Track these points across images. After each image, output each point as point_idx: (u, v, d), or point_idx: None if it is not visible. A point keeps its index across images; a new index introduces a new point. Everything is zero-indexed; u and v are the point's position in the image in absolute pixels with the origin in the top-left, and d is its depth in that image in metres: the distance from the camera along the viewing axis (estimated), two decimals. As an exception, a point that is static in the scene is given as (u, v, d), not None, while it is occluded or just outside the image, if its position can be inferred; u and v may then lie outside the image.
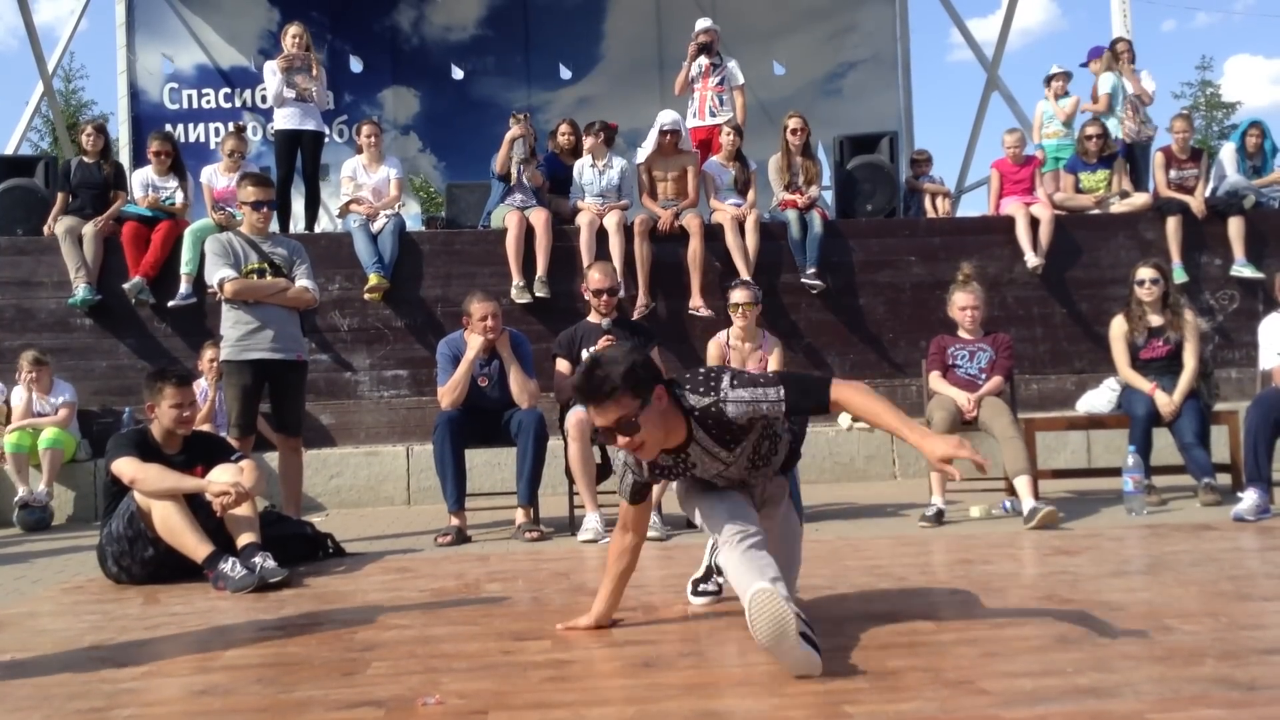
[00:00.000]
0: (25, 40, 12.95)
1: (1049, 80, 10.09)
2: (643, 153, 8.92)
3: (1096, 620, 3.20)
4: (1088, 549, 4.57)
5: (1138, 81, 9.78)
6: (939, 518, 5.51)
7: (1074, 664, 2.72)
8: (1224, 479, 6.10)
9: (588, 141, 8.63)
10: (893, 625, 3.22)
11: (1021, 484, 5.46)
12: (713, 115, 9.44)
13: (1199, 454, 5.97)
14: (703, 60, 9.51)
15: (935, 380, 6.01)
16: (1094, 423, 6.71)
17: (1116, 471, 5.92)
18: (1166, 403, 6.02)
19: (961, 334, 6.13)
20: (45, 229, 8.20)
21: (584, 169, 8.54)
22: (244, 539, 4.47)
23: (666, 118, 8.55)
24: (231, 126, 10.66)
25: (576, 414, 5.64)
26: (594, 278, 6.04)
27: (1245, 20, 51.28)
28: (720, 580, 3.61)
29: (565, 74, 14.00)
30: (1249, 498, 5.26)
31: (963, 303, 6.13)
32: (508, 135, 8.34)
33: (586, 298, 6.12)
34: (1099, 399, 6.58)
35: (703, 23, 9.81)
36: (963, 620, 3.27)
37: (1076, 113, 9.93)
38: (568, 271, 8.05)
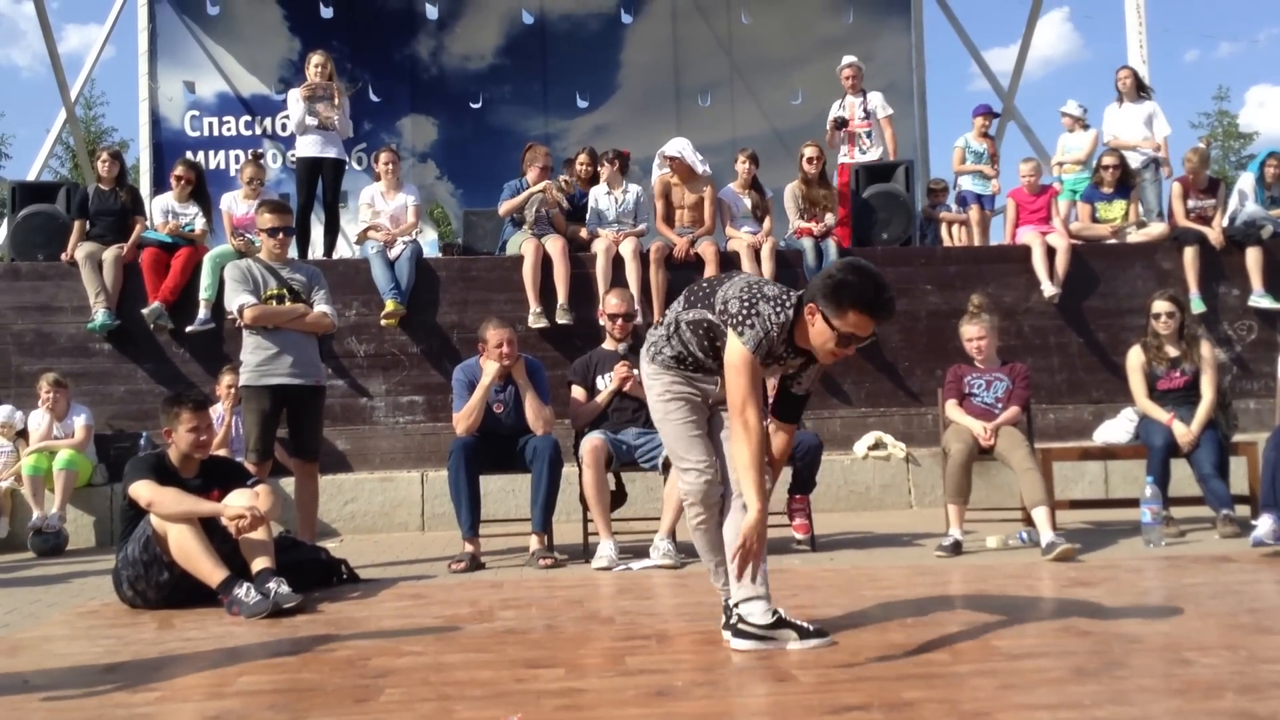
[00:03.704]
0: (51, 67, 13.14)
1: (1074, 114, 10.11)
2: (653, 177, 8.94)
3: (1114, 652, 3.17)
4: (1105, 580, 4.54)
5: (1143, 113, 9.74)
6: (956, 548, 5.48)
7: (1091, 697, 2.70)
8: (1243, 510, 6.05)
9: (604, 171, 8.67)
10: (909, 656, 3.20)
11: (1039, 515, 5.42)
12: (863, 153, 9.49)
13: (1217, 485, 5.92)
14: (846, 108, 9.60)
15: (952, 409, 5.99)
16: (1111, 453, 6.68)
17: (1134, 502, 5.88)
18: (1184, 433, 5.98)
19: (978, 363, 6.11)
20: (64, 256, 8.25)
21: (600, 196, 8.59)
22: (259, 564, 4.48)
23: (670, 147, 8.53)
24: (250, 154, 10.74)
25: (591, 440, 5.65)
26: (610, 303, 6.17)
27: (1268, 50, 51.19)
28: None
29: (582, 103, 14.13)
30: (1265, 523, 5.18)
31: (968, 335, 6.13)
32: (532, 189, 8.36)
33: (602, 322, 6.20)
34: (1117, 429, 6.54)
35: (847, 59, 9.82)
36: (979, 651, 3.25)
37: (1093, 148, 9.91)
38: (584, 299, 8.06)
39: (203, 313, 8.05)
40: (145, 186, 12.44)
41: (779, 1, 14.15)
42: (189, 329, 8.05)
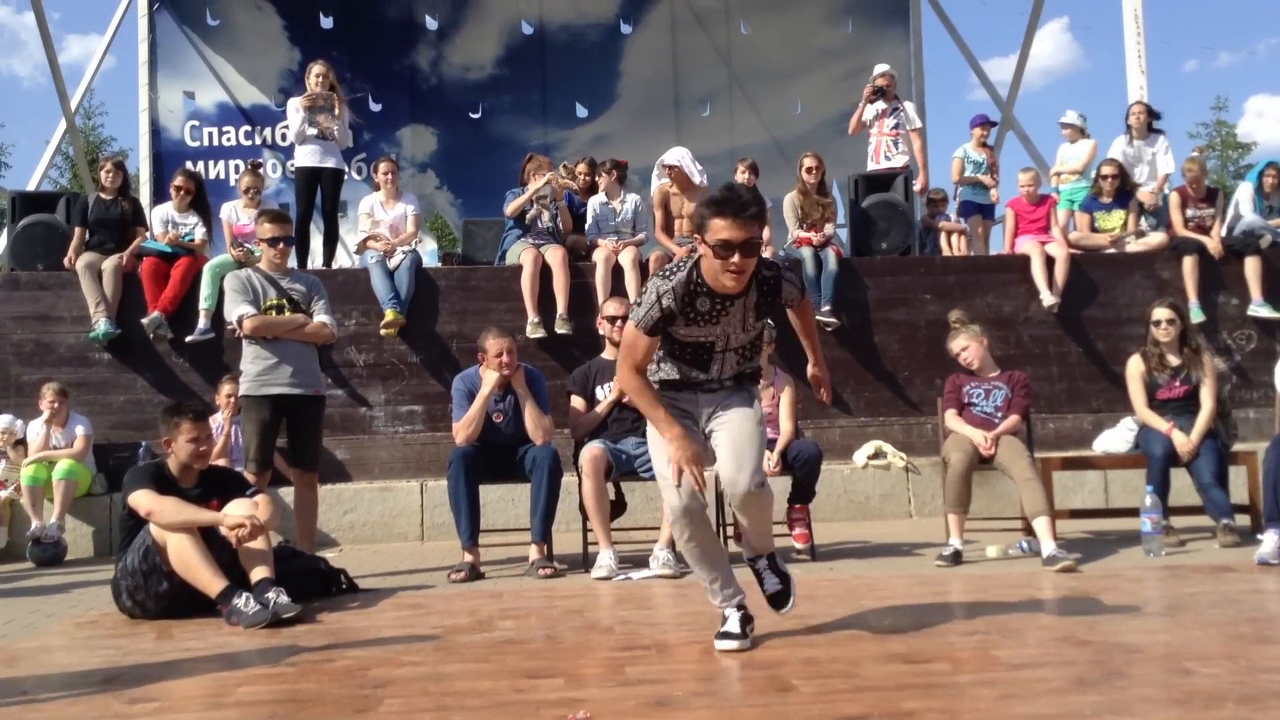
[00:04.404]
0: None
1: (1065, 126, 10.13)
2: (652, 187, 8.95)
3: (1115, 662, 3.17)
4: (1105, 590, 4.53)
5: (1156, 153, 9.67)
6: (956, 558, 5.47)
7: (1092, 706, 2.69)
8: (1243, 520, 6.05)
9: (602, 180, 8.68)
10: (909, 666, 3.20)
11: (1040, 525, 5.41)
12: (887, 159, 9.51)
13: (1217, 494, 5.92)
14: (879, 104, 9.58)
15: (951, 419, 5.99)
16: (1111, 462, 6.67)
17: (1134, 512, 5.88)
18: (1184, 443, 5.98)
19: (976, 372, 6.11)
20: (65, 262, 8.26)
21: (598, 205, 8.59)
22: (258, 574, 4.48)
23: (669, 156, 8.53)
24: (248, 164, 10.75)
25: (591, 450, 5.65)
26: (609, 307, 6.17)
27: (1267, 60, 51.27)
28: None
29: (581, 112, 14.16)
30: (1270, 540, 5.20)
31: (955, 349, 6.18)
32: (540, 180, 8.35)
33: (601, 331, 6.21)
34: (1116, 439, 6.54)
35: (881, 67, 9.87)
36: (980, 661, 3.24)
37: (1091, 158, 9.90)
38: (584, 308, 8.06)
39: (202, 322, 8.05)
40: (145, 196, 12.46)
41: (778, 12, 14.18)
42: (188, 339, 8.04)
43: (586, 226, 8.64)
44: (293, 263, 6.64)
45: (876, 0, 14.37)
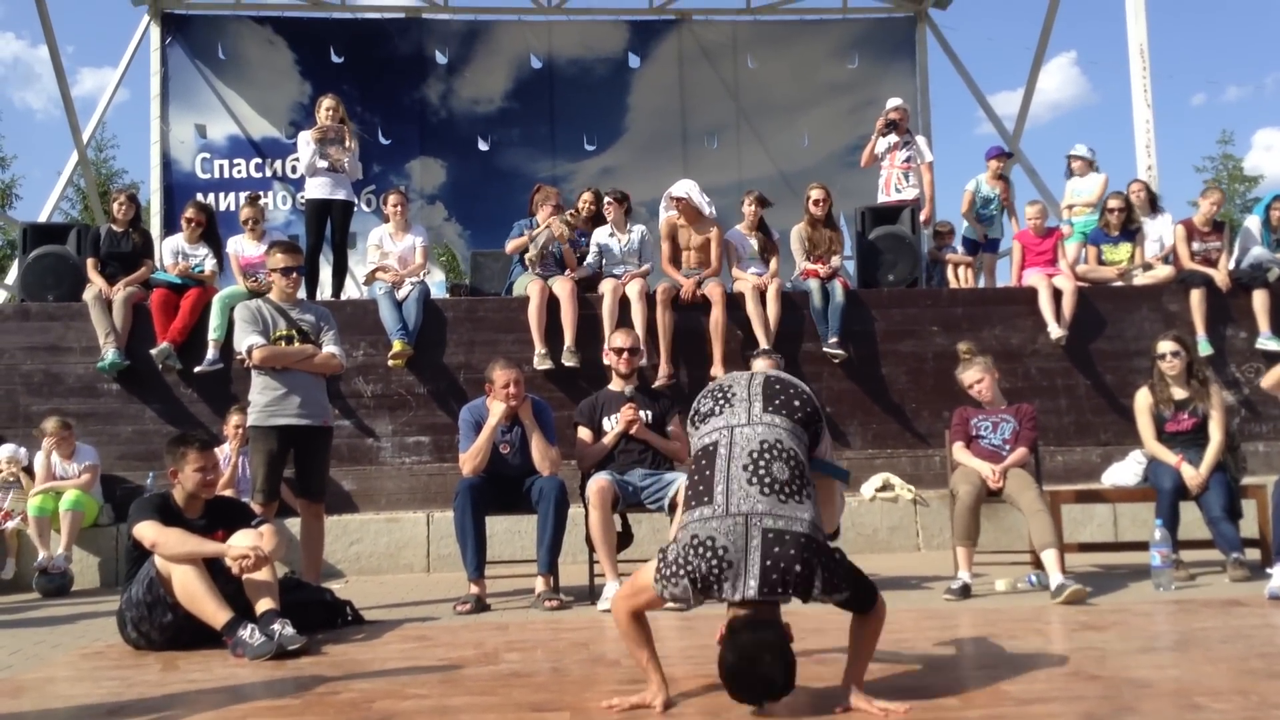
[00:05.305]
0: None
1: (1070, 159, 10.19)
2: (660, 219, 8.99)
3: (1124, 697, 3.14)
4: (1115, 624, 4.50)
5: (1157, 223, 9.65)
6: (965, 591, 5.44)
7: (1102, 742, 2.67)
8: (1253, 554, 6.01)
9: (609, 212, 8.71)
10: (917, 700, 3.18)
11: (1049, 558, 5.39)
12: (898, 191, 9.56)
13: (1227, 528, 5.89)
14: (891, 138, 9.65)
15: (959, 451, 5.97)
16: (1120, 496, 6.65)
17: (1143, 545, 5.85)
18: (1193, 476, 5.96)
19: (984, 404, 6.11)
20: (86, 294, 8.27)
21: (604, 237, 8.63)
22: (263, 605, 4.47)
23: (678, 188, 8.57)
24: (247, 196, 10.81)
25: (598, 482, 5.64)
26: (616, 340, 6.19)
27: (1275, 94, 51.26)
28: None
29: (589, 145, 14.26)
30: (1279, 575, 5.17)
31: (968, 380, 6.16)
32: (544, 227, 8.39)
33: (608, 361, 6.22)
34: (1125, 472, 6.52)
35: (893, 101, 9.95)
36: (989, 696, 3.22)
37: (1104, 191, 9.91)
38: (591, 340, 8.07)
39: (211, 353, 8.07)
40: (155, 228, 12.54)
41: (785, 46, 14.32)
42: (197, 369, 8.07)
43: (590, 258, 8.65)
44: (302, 294, 6.68)
45: (883, 34, 14.51)
